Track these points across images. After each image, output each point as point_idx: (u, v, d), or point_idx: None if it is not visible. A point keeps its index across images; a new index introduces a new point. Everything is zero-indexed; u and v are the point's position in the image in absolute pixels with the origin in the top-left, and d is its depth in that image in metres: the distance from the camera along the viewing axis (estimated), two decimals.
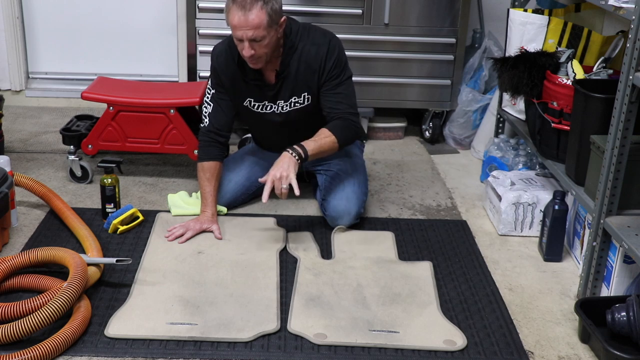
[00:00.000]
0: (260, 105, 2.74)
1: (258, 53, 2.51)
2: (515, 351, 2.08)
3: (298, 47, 2.62)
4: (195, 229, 2.65)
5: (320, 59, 2.62)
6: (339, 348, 2.06)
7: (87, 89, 3.07)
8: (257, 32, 2.45)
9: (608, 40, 2.84)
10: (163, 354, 2.01)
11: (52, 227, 2.69)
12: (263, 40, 2.48)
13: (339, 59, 2.66)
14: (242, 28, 2.44)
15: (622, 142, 2.18)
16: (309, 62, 2.63)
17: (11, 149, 3.42)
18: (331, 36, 2.67)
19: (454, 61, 3.63)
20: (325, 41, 2.64)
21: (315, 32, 2.67)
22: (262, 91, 2.70)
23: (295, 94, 2.69)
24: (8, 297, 2.23)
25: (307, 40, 2.63)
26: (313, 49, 2.62)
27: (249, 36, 2.45)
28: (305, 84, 2.67)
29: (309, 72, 2.64)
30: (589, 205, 2.37)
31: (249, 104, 2.74)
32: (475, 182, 3.31)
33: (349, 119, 2.66)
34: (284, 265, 2.50)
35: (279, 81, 2.66)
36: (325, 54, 2.62)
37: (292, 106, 2.71)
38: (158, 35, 4.07)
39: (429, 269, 2.49)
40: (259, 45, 2.49)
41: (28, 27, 4.05)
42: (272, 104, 2.73)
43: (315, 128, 2.70)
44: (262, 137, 2.98)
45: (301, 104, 2.70)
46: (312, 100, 2.70)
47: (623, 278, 2.28)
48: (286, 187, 2.49)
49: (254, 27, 2.44)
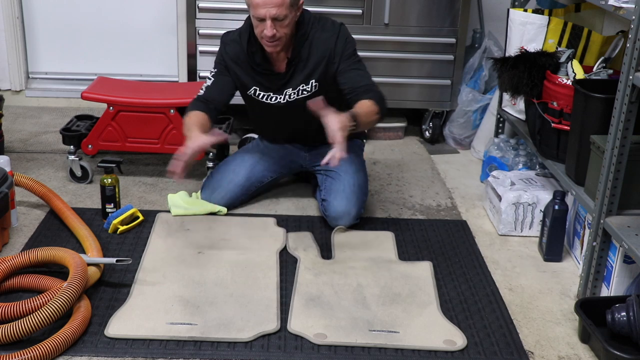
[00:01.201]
0: (265, 95, 2.74)
1: (279, 33, 2.51)
2: (515, 351, 2.08)
3: (309, 35, 2.64)
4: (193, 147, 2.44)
5: (330, 44, 2.64)
6: (339, 348, 2.06)
7: (87, 89, 3.07)
8: (280, 10, 2.45)
9: (608, 40, 2.84)
10: (163, 354, 2.01)
11: (52, 227, 2.69)
12: (285, 20, 2.49)
13: (350, 41, 2.69)
14: (266, 6, 2.44)
15: (622, 142, 2.18)
16: (319, 48, 2.65)
17: (11, 149, 3.42)
18: (340, 24, 2.70)
19: (454, 61, 3.63)
20: (335, 28, 2.67)
21: (325, 21, 2.70)
22: (270, 80, 2.71)
23: (304, 82, 2.70)
24: (8, 297, 2.23)
25: (318, 27, 2.66)
26: (323, 36, 2.65)
27: (272, 14, 2.45)
28: (315, 71, 2.68)
29: (320, 58, 2.65)
30: (589, 205, 2.37)
31: (254, 93, 2.75)
32: (475, 182, 3.31)
33: (379, 91, 2.62)
34: (284, 265, 2.50)
35: (290, 69, 2.67)
36: (335, 39, 2.65)
37: (299, 94, 2.72)
38: (158, 35, 4.07)
39: (429, 269, 2.49)
40: (280, 24, 2.49)
41: (28, 27, 4.05)
42: (277, 95, 2.74)
43: (321, 125, 2.71)
44: (265, 126, 2.97)
45: (308, 91, 2.71)
46: (319, 88, 2.71)
47: (623, 278, 2.28)
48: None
49: (278, 4, 2.44)
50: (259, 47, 2.65)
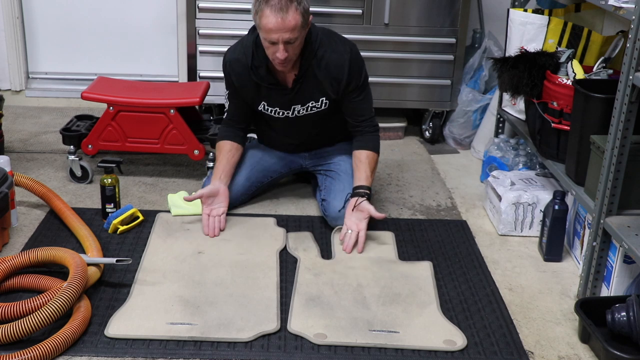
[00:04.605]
0: (273, 110, 2.74)
1: (290, 55, 2.50)
2: (515, 351, 2.08)
3: (318, 52, 2.60)
4: (204, 193, 2.69)
5: (342, 69, 2.61)
6: (339, 348, 2.06)
7: (87, 89, 3.07)
8: (293, 33, 2.43)
9: (608, 40, 2.84)
10: (163, 354, 2.01)
11: (52, 227, 2.69)
12: (296, 42, 2.47)
13: (361, 68, 2.67)
14: (279, 31, 2.41)
15: (622, 142, 2.18)
16: (329, 68, 2.62)
17: (11, 149, 3.42)
18: (351, 45, 2.67)
19: (454, 61, 3.63)
20: (347, 50, 2.63)
21: (335, 39, 2.66)
22: (277, 95, 2.69)
23: (313, 99, 2.69)
24: (8, 297, 2.23)
25: (328, 46, 2.62)
26: (334, 57, 2.61)
27: (285, 38, 2.42)
28: (324, 90, 2.67)
29: (329, 78, 2.63)
30: (589, 205, 2.37)
31: (263, 108, 2.75)
32: (475, 182, 3.31)
33: (374, 132, 2.77)
34: (284, 265, 2.50)
35: (296, 85, 2.65)
36: (347, 65, 2.61)
37: (308, 110, 2.72)
38: (158, 35, 4.07)
39: (429, 269, 2.49)
40: (292, 47, 2.47)
41: (28, 27, 4.05)
42: (285, 110, 2.73)
43: (325, 131, 2.73)
44: (270, 139, 2.97)
45: (318, 108, 2.71)
46: (329, 105, 2.71)
47: (623, 278, 2.28)
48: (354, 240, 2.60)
49: (291, 29, 2.41)
50: (263, 61, 2.62)
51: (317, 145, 2.94)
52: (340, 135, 2.92)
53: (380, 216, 2.58)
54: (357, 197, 2.62)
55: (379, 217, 2.58)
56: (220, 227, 2.69)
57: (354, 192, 2.65)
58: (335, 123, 2.82)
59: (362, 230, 2.59)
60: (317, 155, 2.96)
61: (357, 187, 2.66)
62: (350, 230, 2.60)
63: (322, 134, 2.90)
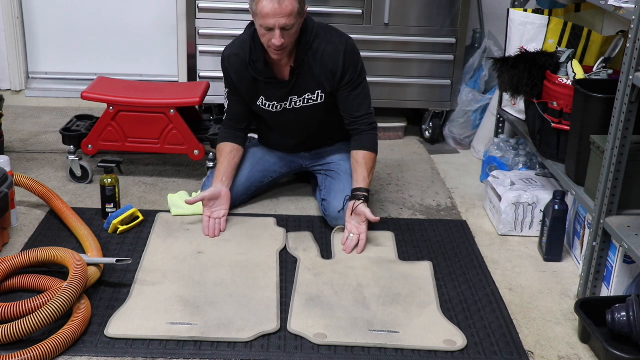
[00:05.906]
0: (270, 104, 2.74)
1: (286, 42, 2.52)
2: (515, 351, 2.08)
3: (314, 44, 2.63)
4: (205, 196, 2.70)
5: (337, 61, 2.62)
6: (339, 348, 2.06)
7: (87, 89, 3.07)
8: (290, 19, 2.46)
9: (608, 40, 2.84)
10: (163, 354, 2.01)
11: (52, 227, 2.69)
12: (292, 29, 2.49)
13: (356, 61, 2.68)
14: (276, 16, 2.44)
15: (622, 142, 2.18)
16: (324, 61, 2.63)
17: (11, 149, 3.42)
18: (347, 37, 2.68)
19: (454, 61, 3.63)
20: (342, 42, 2.65)
21: (330, 32, 2.68)
22: (274, 89, 2.70)
23: (309, 91, 2.70)
24: (8, 297, 2.23)
25: (324, 38, 2.64)
26: (329, 48, 2.63)
27: (282, 24, 2.45)
28: (320, 82, 2.68)
29: (325, 71, 2.64)
30: (589, 205, 2.37)
31: (261, 103, 2.75)
32: (475, 182, 3.31)
33: (371, 131, 2.74)
34: (284, 265, 2.50)
35: (293, 77, 2.66)
36: (342, 56, 2.62)
37: (305, 102, 2.72)
38: (158, 35, 4.07)
39: (429, 269, 2.49)
40: (288, 34, 2.50)
41: (28, 27, 4.05)
42: (282, 103, 2.73)
43: (324, 130, 2.72)
44: (270, 139, 2.98)
45: (314, 101, 2.71)
46: (325, 99, 2.71)
47: (623, 278, 2.28)
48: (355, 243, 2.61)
49: (287, 14, 2.45)
50: (261, 55, 2.63)
51: (317, 145, 2.94)
52: (339, 135, 2.93)
53: (375, 219, 2.59)
54: (355, 200, 2.62)
55: (373, 221, 2.59)
56: (221, 229, 2.69)
57: (352, 195, 2.66)
58: (334, 121, 2.82)
59: (363, 233, 2.61)
60: (317, 155, 2.96)
61: (354, 189, 2.66)
62: (352, 234, 2.61)
63: (320, 133, 2.90)
